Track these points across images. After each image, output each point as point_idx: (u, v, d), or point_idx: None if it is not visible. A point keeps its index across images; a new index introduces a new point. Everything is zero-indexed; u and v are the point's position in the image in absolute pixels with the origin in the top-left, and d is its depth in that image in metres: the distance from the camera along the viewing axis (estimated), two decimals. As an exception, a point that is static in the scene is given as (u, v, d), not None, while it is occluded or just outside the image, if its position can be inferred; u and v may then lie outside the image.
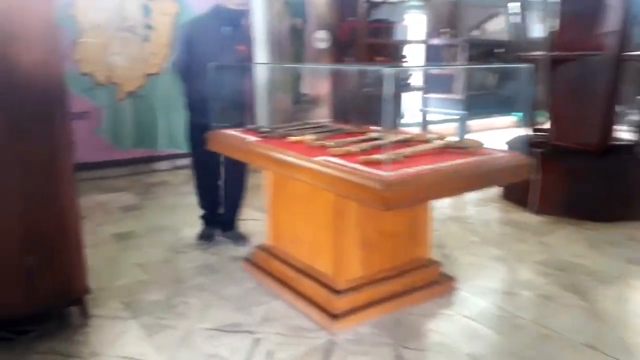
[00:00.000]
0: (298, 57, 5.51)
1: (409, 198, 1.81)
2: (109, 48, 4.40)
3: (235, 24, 2.80)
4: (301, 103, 5.68)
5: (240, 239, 3.00)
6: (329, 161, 1.92)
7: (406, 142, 2.24)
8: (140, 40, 4.54)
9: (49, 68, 1.92)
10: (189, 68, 2.81)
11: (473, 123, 5.86)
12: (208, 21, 2.80)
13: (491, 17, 5.77)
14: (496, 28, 6.01)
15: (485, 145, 2.18)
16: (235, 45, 2.81)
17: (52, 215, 2.00)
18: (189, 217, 3.25)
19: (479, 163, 1.99)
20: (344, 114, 5.17)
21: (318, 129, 2.58)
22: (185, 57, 2.79)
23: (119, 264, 2.74)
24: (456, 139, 2.46)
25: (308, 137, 2.29)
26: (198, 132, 2.75)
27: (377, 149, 2.06)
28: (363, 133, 2.44)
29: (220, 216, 3.04)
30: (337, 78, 5.23)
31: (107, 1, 4.33)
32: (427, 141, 2.24)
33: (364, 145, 2.11)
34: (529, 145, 3.71)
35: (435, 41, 5.91)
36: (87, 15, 4.26)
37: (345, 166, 1.85)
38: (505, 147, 3.44)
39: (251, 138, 2.41)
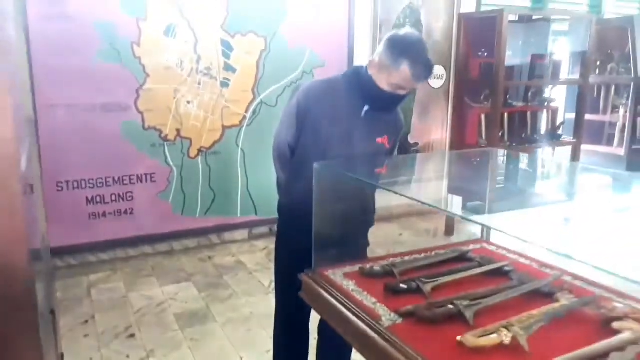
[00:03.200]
0: (407, 98, 4.44)
1: None
2: (179, 96, 3.57)
3: (388, 108, 1.75)
4: (410, 154, 4.60)
5: None
6: None
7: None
8: (218, 85, 3.68)
9: None
10: (292, 157, 1.83)
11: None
12: (343, 92, 1.79)
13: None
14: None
15: None
16: (376, 136, 1.77)
17: None
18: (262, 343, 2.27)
19: None
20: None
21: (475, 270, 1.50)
22: (291, 139, 1.80)
23: None
24: None
25: (506, 338, 1.18)
26: (289, 263, 1.76)
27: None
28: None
29: None
30: (458, 123, 4.10)
31: (179, 39, 3.50)
32: None
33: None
34: None
35: (594, 80, 4.58)
36: (154, 56, 3.45)
37: None
38: None
39: (376, 304, 1.37)
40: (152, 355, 2.43)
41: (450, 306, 1.30)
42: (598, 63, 4.59)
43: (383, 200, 1.88)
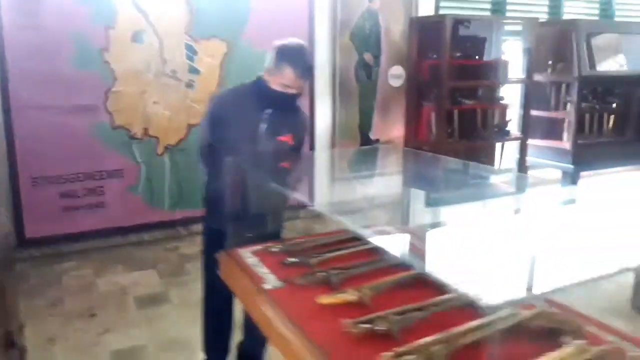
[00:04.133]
0: (367, 96, 4.71)
1: None
2: (146, 97, 3.85)
3: (284, 107, 2.04)
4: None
5: None
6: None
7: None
8: (183, 86, 3.95)
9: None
10: (212, 156, 2.11)
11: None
12: (246, 98, 2.07)
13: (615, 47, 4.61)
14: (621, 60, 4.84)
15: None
16: (279, 135, 2.06)
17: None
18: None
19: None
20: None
21: (351, 248, 1.77)
22: (209, 141, 2.10)
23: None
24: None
25: (352, 296, 1.46)
26: (213, 245, 2.04)
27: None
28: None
29: None
30: (412, 120, 4.37)
31: (146, 44, 3.77)
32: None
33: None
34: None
35: (538, 78, 4.86)
36: (122, 61, 3.72)
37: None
38: None
39: (267, 274, 1.65)
40: (109, 332, 2.71)
41: (321, 274, 1.58)
42: (550, 62, 4.85)
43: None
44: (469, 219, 1.92)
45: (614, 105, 4.88)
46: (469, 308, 1.38)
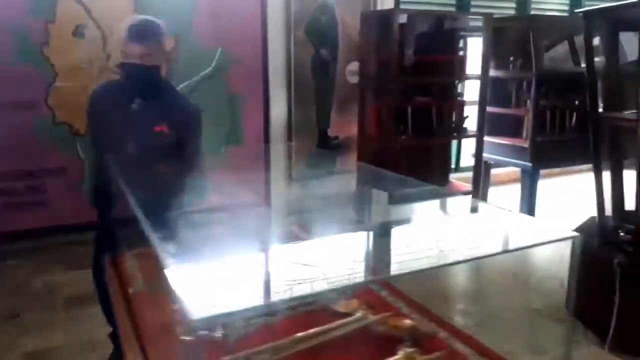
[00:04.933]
0: (325, 93, 4.64)
1: None
2: (89, 92, 3.76)
3: (150, 90, 1.97)
4: (330, 147, 4.80)
5: None
6: None
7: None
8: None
9: None
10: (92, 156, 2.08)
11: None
12: (116, 92, 2.00)
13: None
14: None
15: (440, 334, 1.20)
16: (154, 125, 1.98)
17: None
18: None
19: None
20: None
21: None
22: (92, 137, 2.05)
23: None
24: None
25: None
26: (101, 248, 1.97)
27: None
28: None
29: None
30: (365, 117, 4.29)
31: (88, 39, 3.70)
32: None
33: None
34: (606, 241, 2.61)
35: (498, 74, 4.79)
36: (63, 55, 3.65)
37: None
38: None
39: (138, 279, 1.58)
40: (28, 333, 2.65)
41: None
42: (511, 59, 4.77)
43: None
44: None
45: (577, 102, 4.80)
46: (324, 312, 1.33)
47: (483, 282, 3.30)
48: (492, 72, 4.72)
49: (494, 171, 5.33)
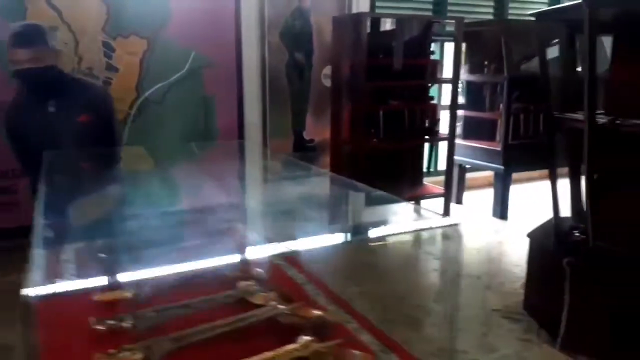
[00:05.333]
0: (300, 96, 4.67)
1: None
2: (61, 94, 3.80)
3: (57, 88, 2.00)
4: (305, 150, 4.84)
5: None
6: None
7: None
8: (100, 84, 3.91)
9: None
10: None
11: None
12: (29, 104, 2.04)
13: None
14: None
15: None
16: (77, 118, 2.01)
17: None
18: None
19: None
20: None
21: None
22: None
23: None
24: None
25: (128, 293, 1.42)
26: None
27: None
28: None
29: None
30: (336, 124, 4.33)
31: (60, 42, 3.72)
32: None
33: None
34: (560, 241, 2.64)
35: (472, 78, 4.85)
36: (34, 57, 3.68)
37: None
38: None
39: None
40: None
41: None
42: (485, 63, 4.82)
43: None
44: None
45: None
46: (239, 305, 1.35)
47: (446, 284, 3.32)
48: (467, 76, 4.79)
49: (472, 175, 5.37)
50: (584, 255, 2.40)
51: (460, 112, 4.95)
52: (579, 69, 2.82)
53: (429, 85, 4.43)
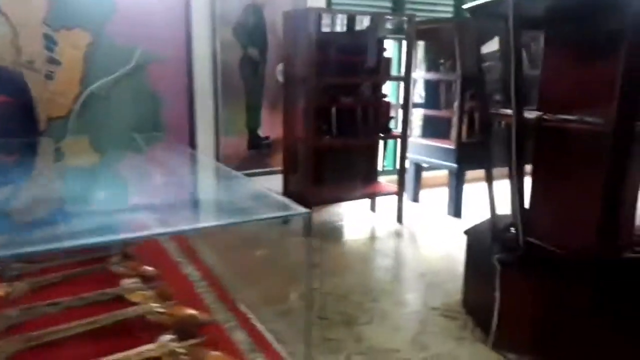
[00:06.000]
0: (254, 93, 4.60)
1: None
2: None
3: None
4: (261, 148, 4.77)
5: None
6: None
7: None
8: (42, 78, 3.79)
9: None
10: None
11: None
12: None
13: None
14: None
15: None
16: None
17: None
18: None
19: None
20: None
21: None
22: None
23: None
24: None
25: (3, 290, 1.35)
26: None
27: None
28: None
29: None
30: (288, 121, 4.27)
31: (-3, 32, 3.61)
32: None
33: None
34: (495, 239, 2.61)
35: (427, 76, 4.84)
36: (-30, 49, 3.56)
37: None
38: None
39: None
40: None
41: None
42: (442, 61, 4.81)
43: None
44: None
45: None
46: (118, 302, 1.29)
47: (387, 282, 3.28)
48: (423, 74, 4.78)
49: (430, 174, 5.36)
50: (513, 251, 2.37)
51: (420, 111, 4.95)
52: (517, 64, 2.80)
53: (382, 83, 4.39)
